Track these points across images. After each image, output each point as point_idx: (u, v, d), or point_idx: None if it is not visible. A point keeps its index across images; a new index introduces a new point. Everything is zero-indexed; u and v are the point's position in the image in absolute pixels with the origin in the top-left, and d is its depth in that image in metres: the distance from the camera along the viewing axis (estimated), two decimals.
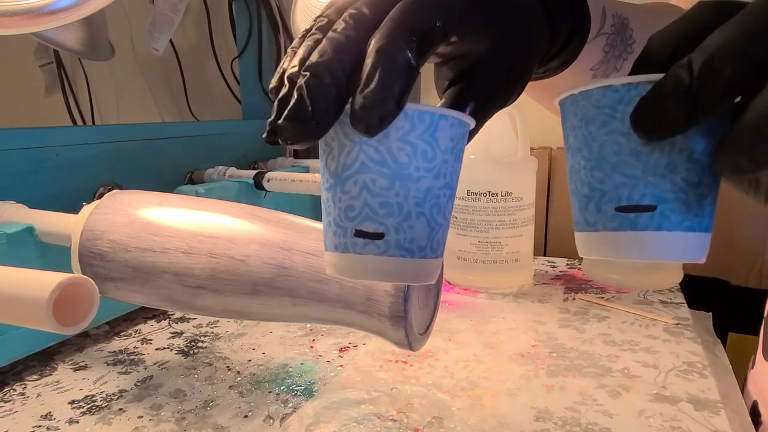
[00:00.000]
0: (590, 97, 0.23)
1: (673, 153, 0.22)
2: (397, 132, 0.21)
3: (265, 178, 0.66)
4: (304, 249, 0.34)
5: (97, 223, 0.38)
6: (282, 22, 0.91)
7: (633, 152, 0.22)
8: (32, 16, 0.40)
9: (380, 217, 0.22)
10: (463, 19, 0.22)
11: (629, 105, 0.22)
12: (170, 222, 0.37)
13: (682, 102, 0.20)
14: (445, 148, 0.22)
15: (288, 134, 0.21)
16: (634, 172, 0.22)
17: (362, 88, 0.20)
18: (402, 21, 0.20)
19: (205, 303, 0.36)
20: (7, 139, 0.51)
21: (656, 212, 0.22)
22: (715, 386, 0.42)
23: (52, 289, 0.31)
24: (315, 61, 0.20)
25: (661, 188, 0.22)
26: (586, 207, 0.24)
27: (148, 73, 1.06)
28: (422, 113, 0.21)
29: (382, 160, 0.21)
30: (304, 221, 0.37)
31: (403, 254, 0.22)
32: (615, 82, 0.22)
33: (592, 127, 0.23)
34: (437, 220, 0.23)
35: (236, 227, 0.36)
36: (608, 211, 0.23)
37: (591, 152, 0.24)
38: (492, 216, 0.62)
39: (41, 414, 0.40)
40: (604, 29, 0.33)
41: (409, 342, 0.32)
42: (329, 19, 0.22)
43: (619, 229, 0.23)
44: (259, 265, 0.34)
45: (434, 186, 0.22)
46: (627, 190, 0.23)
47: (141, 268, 0.37)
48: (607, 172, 0.23)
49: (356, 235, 0.22)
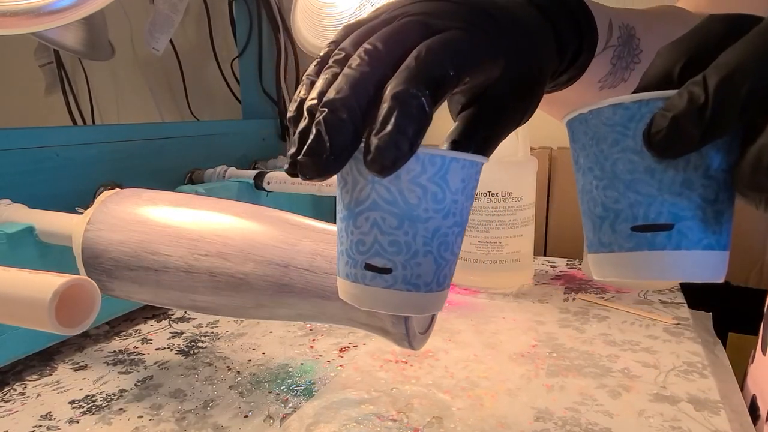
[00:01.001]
0: (601, 116, 0.23)
1: (689, 170, 0.21)
2: (408, 174, 0.22)
3: (265, 180, 0.66)
4: (300, 265, 0.34)
5: (93, 240, 0.38)
6: (282, 22, 0.91)
7: (647, 170, 0.22)
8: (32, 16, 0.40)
9: (389, 254, 0.22)
10: (475, 63, 0.23)
11: (641, 122, 0.21)
12: (165, 237, 0.36)
13: (697, 120, 0.20)
14: (456, 189, 0.23)
15: (307, 169, 0.21)
16: (650, 191, 0.22)
17: (378, 131, 0.20)
18: (418, 70, 0.21)
19: (215, 312, 0.38)
20: (7, 139, 0.51)
21: (674, 231, 0.22)
22: (716, 386, 0.42)
23: (54, 290, 0.31)
24: (332, 98, 0.21)
25: (678, 206, 0.22)
26: (600, 227, 0.24)
27: (148, 73, 1.06)
28: (434, 157, 0.22)
29: (392, 200, 0.22)
30: (299, 222, 0.36)
31: (410, 288, 0.23)
32: (625, 100, 0.22)
33: (604, 146, 0.23)
34: (444, 256, 0.23)
35: (229, 241, 0.35)
36: (624, 231, 0.23)
37: (603, 171, 0.23)
38: (492, 216, 0.62)
39: (41, 414, 0.40)
40: (611, 42, 0.33)
41: (409, 341, 0.32)
42: (346, 53, 0.23)
43: (636, 249, 0.22)
44: (259, 282, 0.35)
45: (443, 225, 0.23)
46: (643, 208, 0.22)
47: (147, 284, 0.37)
48: (621, 190, 0.23)
49: (366, 268, 0.23)
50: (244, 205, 0.38)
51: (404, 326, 0.31)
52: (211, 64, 1.01)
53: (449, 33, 0.23)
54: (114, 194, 0.41)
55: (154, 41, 0.82)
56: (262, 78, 0.92)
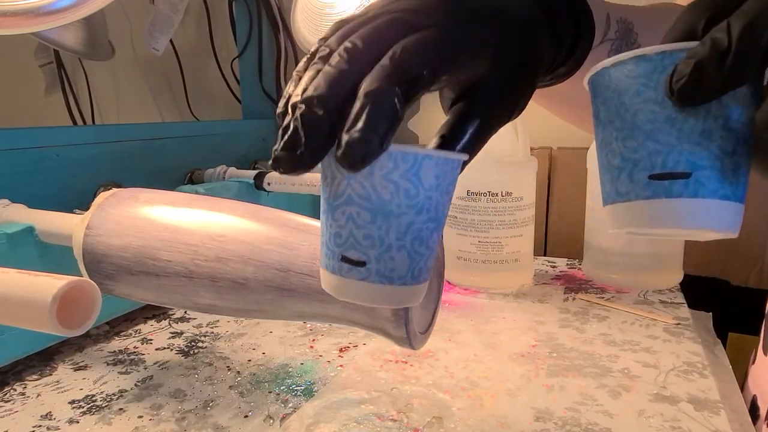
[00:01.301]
0: (623, 68, 0.23)
1: (708, 120, 0.22)
2: (381, 170, 0.22)
3: (265, 181, 0.66)
4: (300, 270, 0.34)
5: (93, 246, 0.39)
6: (282, 22, 0.91)
7: (667, 119, 0.22)
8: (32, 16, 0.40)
9: (363, 248, 0.23)
10: (452, 63, 0.23)
11: (663, 73, 0.22)
12: (163, 243, 0.36)
13: (719, 66, 0.20)
14: (429, 185, 0.23)
15: (282, 163, 0.22)
16: (669, 140, 0.22)
17: (349, 128, 0.21)
18: (392, 69, 0.21)
19: (218, 313, 0.38)
20: (7, 139, 0.51)
21: (691, 179, 0.22)
22: (716, 386, 0.42)
23: (55, 292, 0.31)
24: (310, 95, 0.21)
25: (696, 155, 0.22)
26: (618, 178, 0.24)
27: (149, 73, 1.06)
28: (405, 154, 0.22)
29: (366, 196, 0.22)
30: (297, 224, 0.36)
31: (383, 281, 0.23)
32: (648, 51, 0.22)
33: (625, 98, 0.23)
34: (419, 251, 0.24)
35: (228, 246, 0.35)
36: (641, 180, 0.23)
37: (624, 122, 0.23)
38: (492, 216, 0.62)
39: (41, 414, 0.40)
40: (608, 35, 0.33)
41: (410, 340, 0.32)
42: (330, 50, 0.23)
43: (653, 197, 0.23)
44: (260, 287, 0.35)
45: (416, 221, 0.23)
46: (661, 157, 0.22)
47: (149, 287, 0.38)
48: (640, 140, 0.23)
49: (342, 260, 0.23)
50: (242, 205, 0.38)
51: (404, 327, 0.31)
52: (211, 64, 1.01)
53: (427, 32, 0.23)
54: (111, 196, 0.40)
55: (154, 41, 0.82)
56: (262, 78, 0.92)
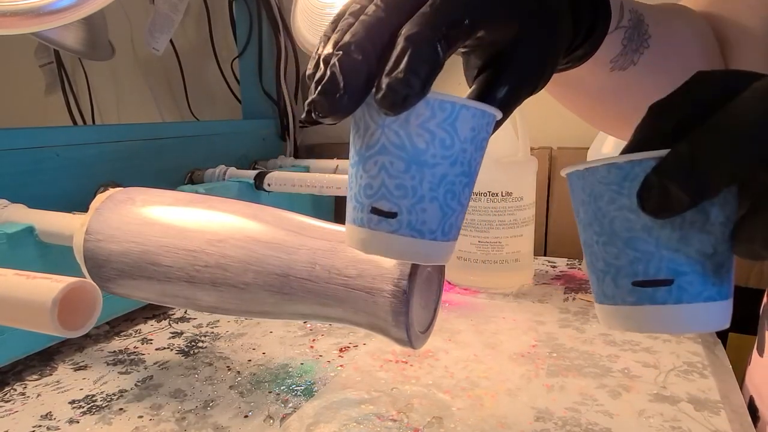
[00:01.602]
0: (596, 174, 0.23)
1: (685, 226, 0.22)
2: (417, 119, 0.22)
3: (265, 181, 0.66)
4: (299, 275, 0.34)
5: (94, 252, 0.39)
6: (282, 22, 0.91)
7: (644, 228, 0.22)
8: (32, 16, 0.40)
9: (395, 198, 0.23)
10: (490, 15, 0.23)
11: (635, 181, 0.22)
12: (163, 248, 0.36)
13: (685, 185, 0.20)
14: (464, 137, 0.23)
15: (321, 108, 0.22)
16: (647, 248, 0.22)
17: (390, 70, 0.21)
18: (432, 15, 0.21)
19: (221, 313, 0.38)
20: (7, 139, 0.51)
21: (674, 285, 0.22)
22: (716, 386, 0.42)
23: (55, 295, 0.31)
24: (347, 41, 0.21)
25: (676, 261, 0.22)
26: (603, 281, 0.24)
27: (149, 73, 1.06)
28: (443, 102, 0.22)
29: (401, 144, 0.22)
30: (295, 225, 0.36)
31: (414, 234, 0.23)
32: (619, 160, 0.22)
33: (601, 203, 0.23)
34: (451, 205, 0.23)
35: (227, 251, 0.35)
36: (625, 286, 0.23)
37: (602, 227, 0.23)
38: (492, 216, 0.62)
39: (41, 414, 0.40)
40: (622, 23, 0.34)
41: (410, 340, 0.32)
42: (361, 5, 0.23)
43: (638, 303, 0.23)
44: (261, 292, 0.35)
45: (450, 173, 0.23)
46: (642, 265, 0.22)
47: (151, 291, 0.38)
48: (620, 247, 0.23)
49: (372, 212, 0.23)
50: (240, 206, 0.38)
51: (405, 326, 0.31)
52: (211, 64, 1.01)
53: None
54: (107, 199, 0.40)
55: (154, 41, 0.82)
56: (262, 78, 0.92)
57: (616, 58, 0.35)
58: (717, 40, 0.43)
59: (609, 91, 0.38)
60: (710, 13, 0.44)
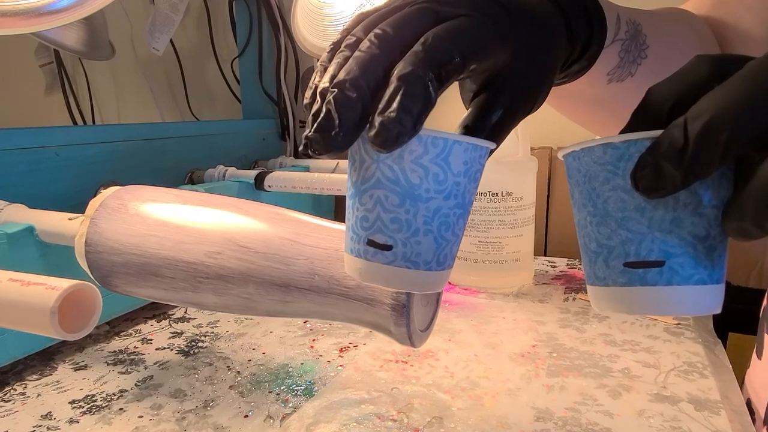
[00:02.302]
0: (591, 154, 0.23)
1: (678, 208, 0.22)
2: (411, 154, 0.23)
3: (265, 183, 0.66)
4: (300, 285, 0.34)
5: (98, 263, 0.39)
6: (282, 22, 0.91)
7: (637, 208, 0.22)
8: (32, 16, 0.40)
9: (390, 231, 0.23)
10: (482, 49, 0.24)
11: (630, 161, 0.22)
12: (163, 261, 0.37)
13: (678, 163, 0.20)
14: (458, 171, 0.23)
15: (317, 145, 0.22)
16: (640, 228, 0.22)
17: (383, 109, 0.21)
18: (425, 54, 0.22)
19: (229, 313, 0.39)
20: (7, 139, 0.51)
21: (665, 267, 0.22)
22: (716, 386, 0.42)
23: (56, 297, 0.31)
24: (342, 78, 0.22)
25: (668, 243, 0.22)
26: (595, 262, 0.24)
27: (149, 73, 1.06)
28: (436, 138, 0.22)
29: (395, 179, 0.23)
30: (291, 232, 0.36)
31: (409, 266, 0.24)
32: (615, 140, 0.22)
33: (595, 184, 0.23)
34: (445, 236, 0.24)
35: (226, 264, 0.35)
36: (617, 267, 0.23)
37: (596, 208, 0.24)
38: (492, 216, 0.62)
39: (41, 414, 0.40)
40: (618, 35, 0.34)
41: (411, 338, 0.32)
42: (357, 38, 0.24)
43: (628, 284, 0.23)
44: (264, 300, 0.35)
45: (444, 206, 0.23)
46: (634, 245, 0.23)
47: (157, 295, 0.38)
48: (613, 228, 0.23)
49: (368, 244, 0.24)
50: (231, 206, 0.38)
51: (405, 324, 0.31)
52: (211, 64, 1.01)
53: (457, 20, 0.23)
54: (100, 207, 0.39)
55: (154, 41, 0.82)
56: (262, 78, 0.92)
57: (613, 70, 0.35)
58: (718, 43, 0.43)
59: (607, 102, 0.38)
60: (711, 17, 0.44)
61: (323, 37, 0.72)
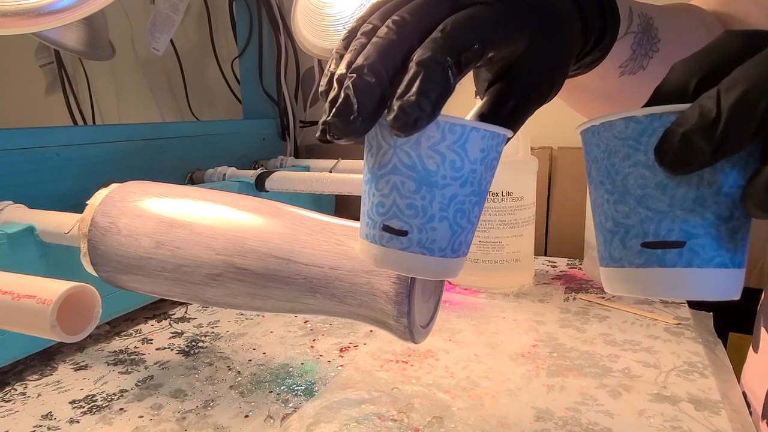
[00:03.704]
0: (613, 129, 0.22)
1: (702, 186, 0.21)
2: (428, 141, 0.23)
3: (266, 184, 0.66)
4: (305, 300, 0.34)
5: (109, 280, 0.40)
6: (282, 22, 0.91)
7: (659, 186, 0.21)
8: (32, 16, 0.40)
9: (406, 217, 0.23)
10: (500, 36, 0.24)
11: (653, 136, 0.21)
12: (168, 281, 0.37)
13: (709, 137, 0.19)
14: (475, 158, 0.23)
15: (336, 130, 0.22)
16: (661, 207, 0.21)
17: (402, 93, 0.21)
18: (444, 41, 0.22)
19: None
20: (7, 139, 0.51)
21: (685, 248, 0.21)
22: (716, 386, 0.42)
23: (56, 299, 0.31)
24: (360, 64, 0.22)
25: (689, 223, 0.21)
26: (611, 242, 0.23)
27: (149, 73, 1.06)
28: (454, 125, 0.22)
29: (412, 165, 0.23)
30: (286, 248, 0.35)
31: (424, 252, 0.24)
32: (638, 113, 0.21)
33: (615, 160, 0.22)
34: (460, 224, 0.24)
35: (229, 284, 0.35)
36: (634, 247, 0.22)
37: (614, 185, 0.23)
38: (492, 216, 0.62)
39: (42, 414, 0.40)
40: (631, 28, 0.34)
41: (411, 334, 0.32)
42: (374, 25, 0.24)
43: (645, 265, 0.22)
44: (272, 308, 0.36)
45: (460, 193, 0.23)
46: (653, 225, 0.21)
47: (165, 294, 0.39)
48: (632, 206, 0.22)
49: (383, 229, 0.24)
50: (217, 215, 0.37)
51: (407, 319, 0.32)
52: (211, 64, 1.01)
53: (475, 8, 0.24)
54: (93, 228, 0.39)
55: (154, 41, 0.82)
56: (262, 78, 0.92)
57: (625, 63, 0.35)
58: None
59: (619, 95, 0.38)
60: (720, 12, 0.45)
61: (323, 37, 0.72)
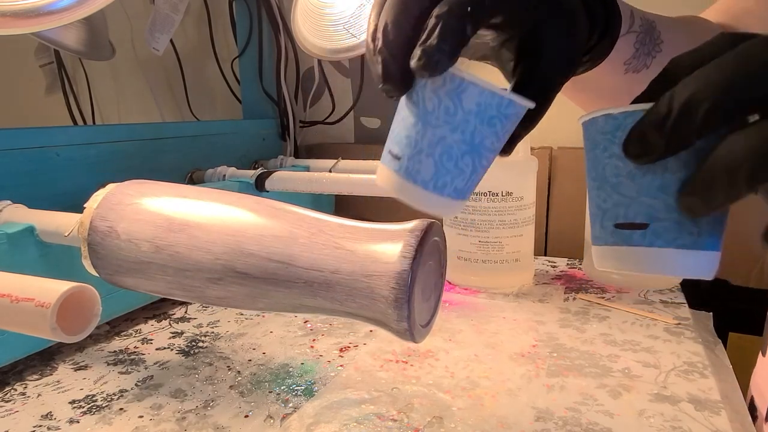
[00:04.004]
0: (596, 124, 0.25)
1: (666, 175, 0.23)
2: (432, 84, 0.26)
3: (266, 184, 0.66)
4: (307, 303, 0.34)
5: (113, 282, 0.40)
6: (282, 22, 0.91)
7: (629, 174, 0.24)
8: (32, 16, 0.40)
9: (401, 146, 0.27)
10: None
11: (625, 131, 0.24)
12: (170, 284, 0.37)
13: (659, 132, 0.22)
14: (469, 110, 0.25)
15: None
16: (630, 193, 0.24)
17: (423, 41, 0.24)
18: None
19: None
20: (7, 139, 0.51)
21: (648, 230, 0.24)
22: (716, 386, 0.42)
23: (55, 301, 0.31)
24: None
25: (653, 208, 0.24)
26: (594, 223, 0.27)
27: (149, 73, 1.06)
28: (454, 76, 0.25)
29: (416, 102, 0.26)
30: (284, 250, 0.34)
31: (409, 179, 0.27)
32: (614, 111, 0.24)
33: (597, 151, 0.26)
34: (445, 165, 0.26)
35: (229, 285, 0.35)
36: (609, 228, 0.26)
37: (597, 174, 0.26)
38: (492, 216, 0.62)
39: (42, 414, 0.40)
40: (633, 27, 0.36)
41: (411, 333, 0.32)
42: None
43: (617, 244, 0.25)
44: (276, 307, 0.36)
45: (449, 137, 0.26)
46: (623, 208, 0.25)
47: (167, 295, 0.39)
48: (608, 192, 0.25)
49: (389, 152, 0.28)
50: (214, 216, 0.37)
51: (407, 323, 0.32)
52: (211, 64, 1.01)
53: None
54: (92, 233, 0.38)
55: (154, 41, 0.82)
56: (262, 78, 0.92)
57: (629, 60, 0.37)
58: None
59: (624, 92, 0.39)
60: (724, 25, 0.46)
61: (323, 37, 0.72)
